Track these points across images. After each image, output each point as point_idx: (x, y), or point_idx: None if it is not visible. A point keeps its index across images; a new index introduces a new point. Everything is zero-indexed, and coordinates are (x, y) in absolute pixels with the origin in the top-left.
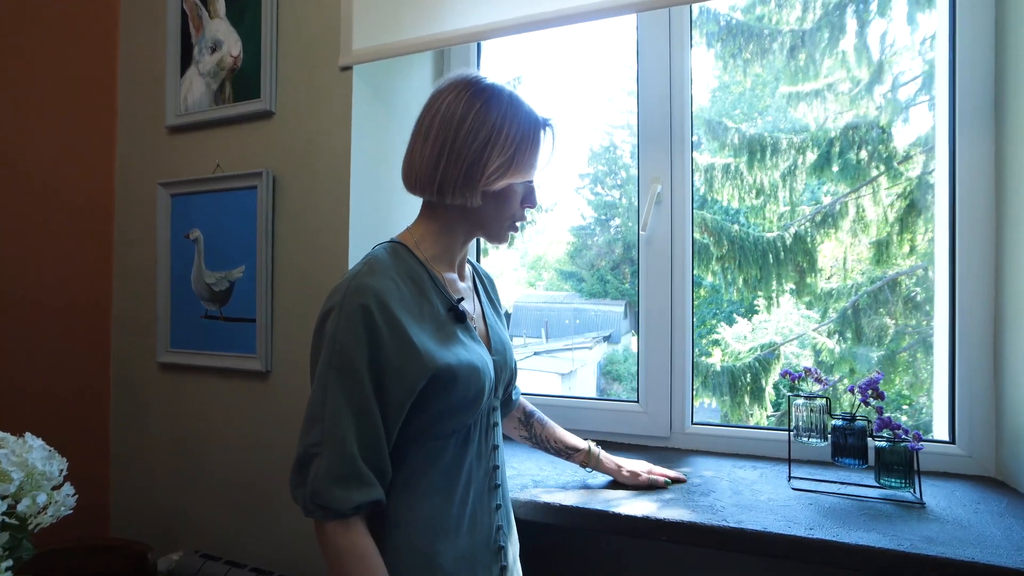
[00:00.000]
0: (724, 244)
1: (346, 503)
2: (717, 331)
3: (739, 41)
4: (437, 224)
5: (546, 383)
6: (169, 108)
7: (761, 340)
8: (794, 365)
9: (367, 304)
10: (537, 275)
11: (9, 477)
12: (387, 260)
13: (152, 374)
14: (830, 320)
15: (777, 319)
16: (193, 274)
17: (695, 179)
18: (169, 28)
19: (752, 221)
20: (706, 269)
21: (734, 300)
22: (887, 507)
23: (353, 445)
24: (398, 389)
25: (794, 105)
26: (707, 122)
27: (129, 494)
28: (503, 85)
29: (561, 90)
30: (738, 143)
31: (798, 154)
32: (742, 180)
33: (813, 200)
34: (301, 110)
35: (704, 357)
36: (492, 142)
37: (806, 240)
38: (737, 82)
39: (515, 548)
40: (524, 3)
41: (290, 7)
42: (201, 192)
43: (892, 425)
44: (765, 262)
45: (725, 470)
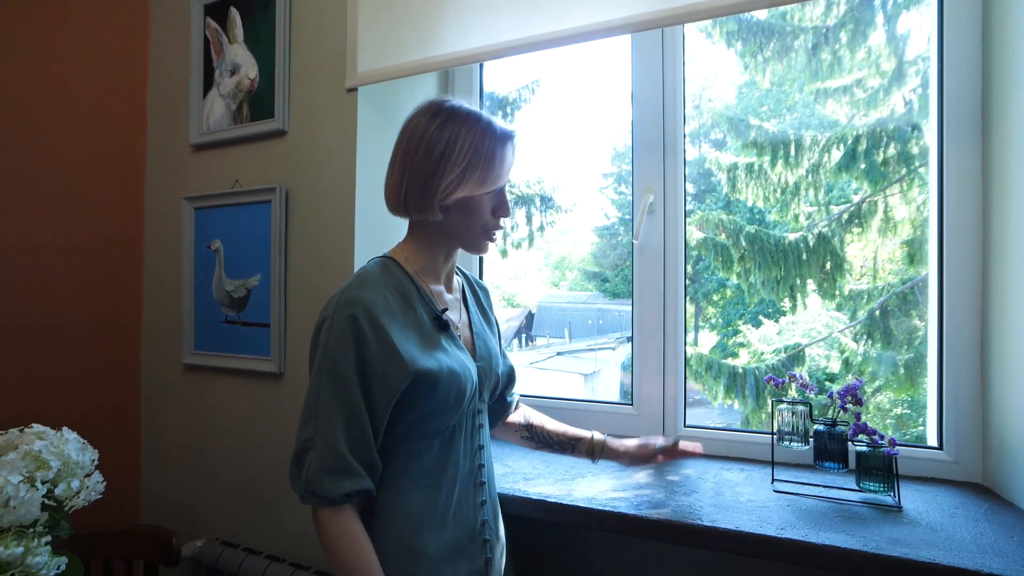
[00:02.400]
0: (742, 245)
1: (336, 492)
2: (742, 332)
3: (759, 39)
4: (420, 240)
5: (568, 383)
6: (193, 127)
7: (786, 342)
8: (818, 368)
9: (356, 315)
10: (561, 275)
11: (48, 465)
12: (377, 274)
13: (178, 374)
14: (858, 322)
15: (804, 321)
16: (214, 282)
17: (687, 187)
18: (193, 53)
19: (777, 220)
20: (729, 270)
21: (759, 301)
22: (864, 510)
23: (342, 441)
24: (383, 391)
25: (822, 101)
26: (730, 120)
27: (158, 484)
28: (464, 105)
29: (583, 90)
30: (762, 141)
31: (823, 152)
32: (766, 179)
33: (843, 199)
34: (311, 129)
35: (730, 358)
36: (446, 157)
37: (831, 240)
38: (760, 80)
39: (501, 542)
40: (520, 26)
41: (301, 32)
42: (221, 206)
43: (868, 431)
44: (787, 263)
45: (712, 472)
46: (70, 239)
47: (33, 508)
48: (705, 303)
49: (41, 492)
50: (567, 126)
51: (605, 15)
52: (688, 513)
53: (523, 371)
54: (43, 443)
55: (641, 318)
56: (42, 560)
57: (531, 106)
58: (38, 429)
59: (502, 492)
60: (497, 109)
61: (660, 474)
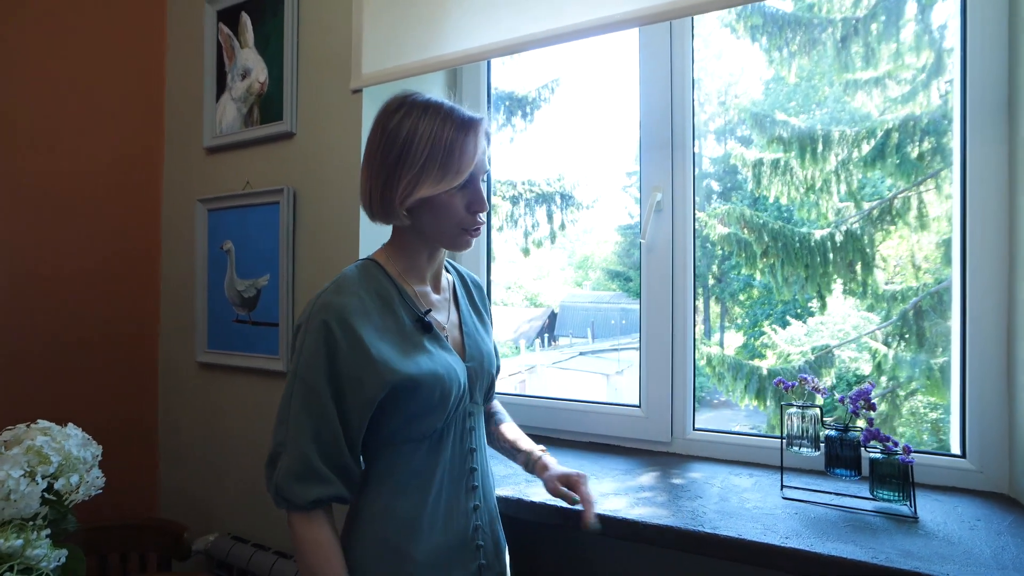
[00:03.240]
0: (765, 241)
1: (304, 497)
2: (767, 333)
3: (785, 33)
4: (400, 241)
5: (591, 384)
6: (207, 131)
7: (814, 343)
8: (848, 371)
9: (328, 321)
10: (584, 275)
11: (49, 460)
12: (355, 277)
13: (192, 372)
14: (890, 323)
15: (834, 321)
16: (226, 282)
17: (695, 186)
18: (206, 58)
19: (804, 218)
20: (752, 267)
21: (786, 301)
22: (877, 520)
23: (312, 448)
24: (357, 397)
25: (852, 94)
26: (754, 115)
27: (174, 480)
28: (425, 96)
29: (604, 87)
30: (788, 137)
31: (852, 147)
32: (792, 176)
33: (876, 195)
34: (317, 131)
35: (756, 360)
36: (403, 156)
37: (861, 238)
38: (786, 75)
39: (499, 546)
40: (524, 24)
41: (308, 35)
42: (233, 207)
43: (881, 437)
44: (812, 261)
45: (720, 476)
46: (93, 241)
47: (33, 502)
48: (731, 303)
49: (41, 486)
50: (588, 124)
51: (611, 9)
52: (691, 519)
53: (545, 371)
54: (45, 439)
55: (649, 319)
56: (41, 552)
57: (551, 105)
58: (43, 425)
59: (503, 495)
60: (517, 108)
61: (666, 479)
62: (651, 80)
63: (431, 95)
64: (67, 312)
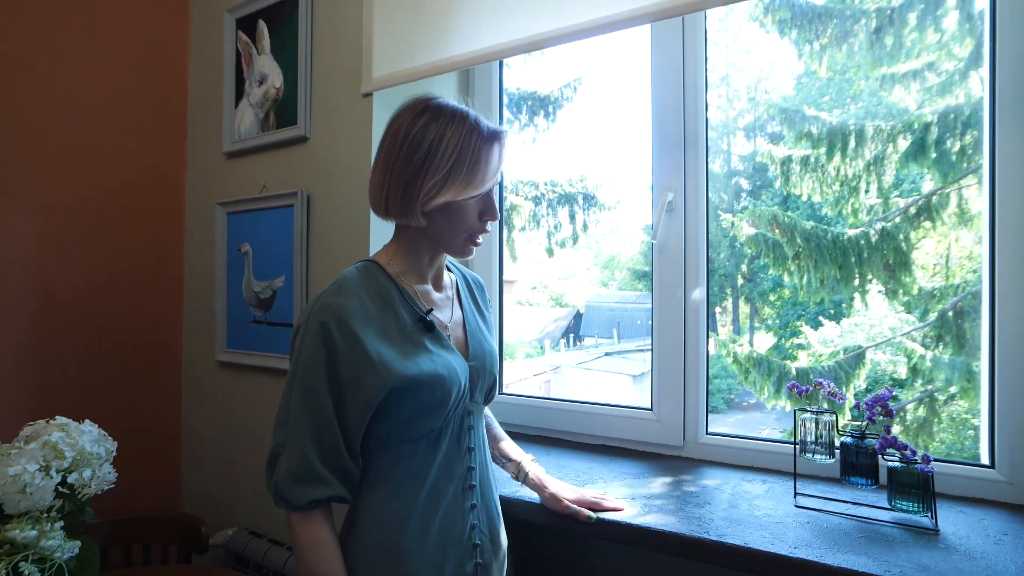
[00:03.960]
0: (797, 242)
1: (303, 498)
2: (803, 333)
3: (815, 26)
4: (403, 243)
5: (616, 384)
6: (226, 136)
7: (847, 344)
8: (884, 374)
9: (327, 322)
10: (610, 275)
11: (63, 455)
12: (356, 278)
13: (212, 371)
14: (928, 323)
15: (869, 322)
16: (243, 283)
17: (709, 187)
18: (226, 65)
19: (834, 216)
20: (782, 268)
21: (819, 301)
22: (895, 531)
23: (311, 449)
24: (356, 398)
25: (888, 88)
26: (783, 111)
27: (196, 475)
28: (451, 103)
29: (628, 86)
30: (818, 133)
31: (887, 142)
32: (823, 173)
33: (914, 191)
34: (330, 134)
35: (788, 361)
36: (428, 160)
37: (896, 236)
38: (816, 69)
39: (498, 545)
40: (530, 24)
41: (321, 40)
42: (250, 211)
43: (898, 445)
44: (846, 261)
45: (732, 482)
46: (120, 245)
47: (47, 495)
48: (761, 303)
49: (56, 480)
50: (611, 123)
51: (620, 7)
52: (697, 525)
53: (570, 371)
54: (61, 434)
55: (661, 321)
56: (55, 543)
57: (573, 104)
58: (61, 421)
59: (507, 496)
60: (539, 108)
61: (677, 485)
62: (663, 78)
63: (453, 101)
64: (96, 314)
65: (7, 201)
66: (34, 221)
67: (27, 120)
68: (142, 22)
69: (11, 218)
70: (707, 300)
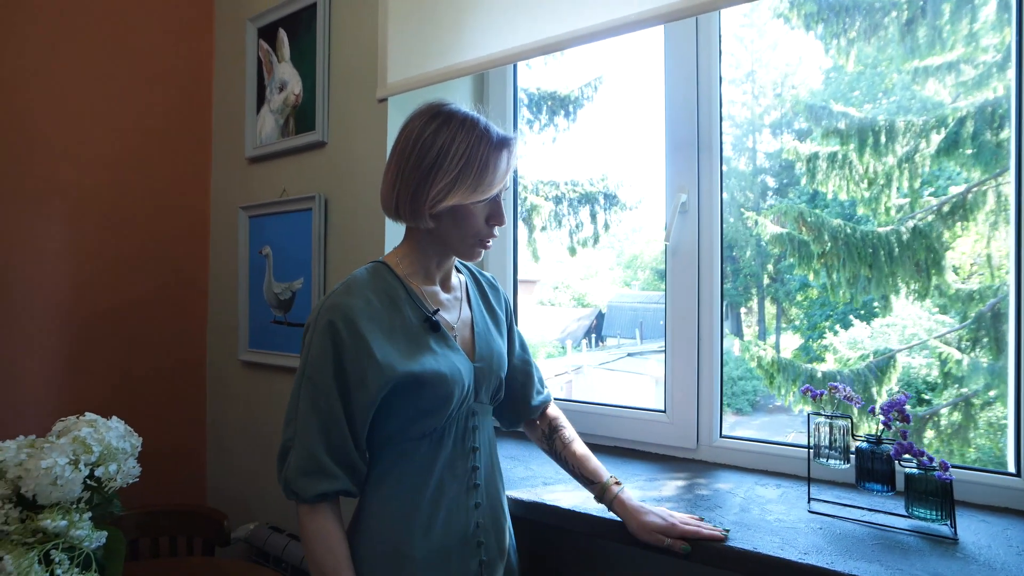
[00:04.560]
0: (824, 240)
1: (310, 491)
2: (827, 335)
3: (842, 19)
4: (413, 244)
5: (639, 385)
6: (248, 142)
7: (878, 346)
8: (917, 378)
9: (334, 321)
10: (633, 274)
11: (91, 449)
12: (364, 279)
13: (236, 370)
14: (964, 326)
15: (902, 323)
16: (264, 285)
17: (732, 186)
18: (248, 73)
19: (866, 214)
20: (807, 267)
21: (848, 301)
22: (911, 539)
23: (318, 444)
24: (362, 395)
25: (921, 81)
26: (809, 107)
27: (220, 471)
28: (462, 110)
29: (649, 84)
30: (846, 129)
31: (920, 137)
32: (851, 170)
33: (948, 188)
34: (346, 139)
35: (815, 363)
36: (437, 164)
37: (929, 234)
38: (844, 63)
39: (503, 544)
40: (542, 27)
41: (338, 47)
42: (270, 214)
43: (914, 451)
44: (876, 260)
45: (745, 486)
46: (149, 247)
47: (76, 487)
48: (787, 303)
49: (84, 473)
50: (632, 122)
51: (632, 8)
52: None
53: (592, 371)
54: (89, 430)
55: (674, 323)
56: (83, 533)
57: (593, 104)
58: (90, 417)
59: (517, 497)
60: (559, 108)
61: (689, 488)
62: (676, 78)
63: (464, 107)
64: (126, 315)
65: (43, 207)
66: (69, 226)
67: (61, 129)
68: (170, 34)
69: (47, 223)
70: (721, 301)
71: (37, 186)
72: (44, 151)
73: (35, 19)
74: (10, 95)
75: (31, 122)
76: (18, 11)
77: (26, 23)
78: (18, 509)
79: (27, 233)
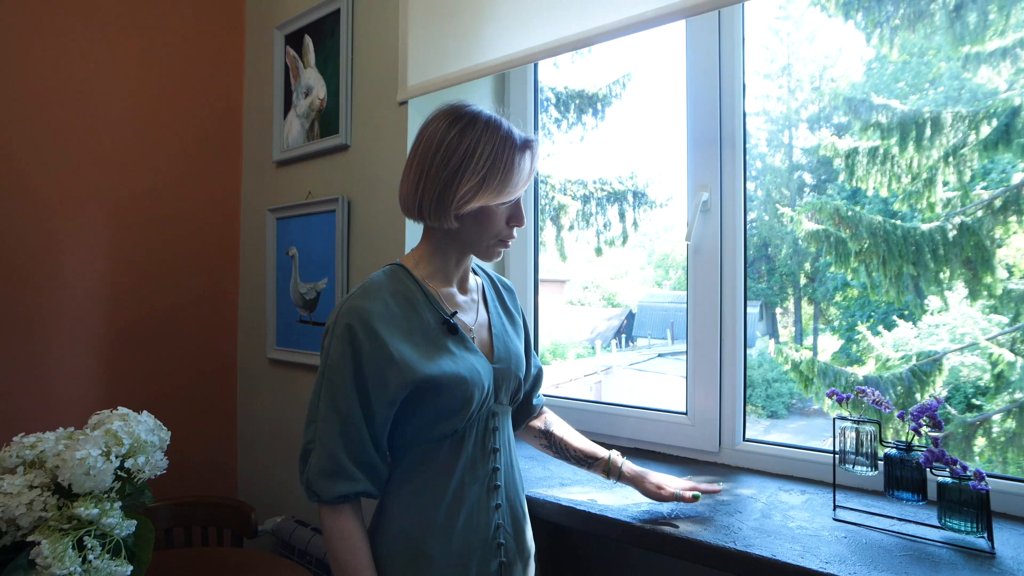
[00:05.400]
0: (864, 238)
1: (331, 492)
2: (867, 337)
3: (884, 7)
4: (431, 245)
5: (670, 386)
6: (276, 146)
7: (923, 347)
8: (967, 381)
9: (352, 324)
10: (664, 273)
11: (122, 442)
12: (381, 281)
13: (264, 368)
14: (1018, 327)
15: (950, 324)
16: (291, 285)
17: (748, 185)
18: (276, 79)
19: (911, 210)
20: (844, 265)
21: (889, 301)
22: (944, 552)
23: (338, 446)
24: (381, 397)
25: (972, 69)
26: (848, 100)
27: (250, 465)
28: (484, 112)
29: (679, 80)
30: (887, 122)
31: (969, 129)
32: (893, 164)
33: (1004, 182)
34: (368, 142)
35: (855, 366)
36: (464, 166)
37: (978, 230)
38: (888, 52)
39: (523, 545)
40: (557, 27)
41: (361, 51)
42: (296, 216)
43: (947, 459)
44: (920, 258)
45: (768, 491)
46: (181, 250)
47: (107, 478)
48: (826, 304)
49: (115, 464)
50: (662, 119)
51: (652, 4)
52: (724, 534)
53: (622, 372)
54: (121, 423)
55: (696, 324)
56: (114, 521)
57: (622, 101)
58: (122, 411)
59: (535, 496)
60: (587, 107)
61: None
62: (698, 73)
63: (486, 109)
64: (162, 314)
65: (84, 211)
66: (107, 226)
67: (99, 134)
68: (203, 44)
69: (89, 226)
70: (744, 301)
71: (79, 191)
72: (83, 158)
73: (73, 29)
74: (51, 103)
75: (71, 130)
76: (56, 22)
77: (64, 34)
78: (56, 497)
79: (72, 236)
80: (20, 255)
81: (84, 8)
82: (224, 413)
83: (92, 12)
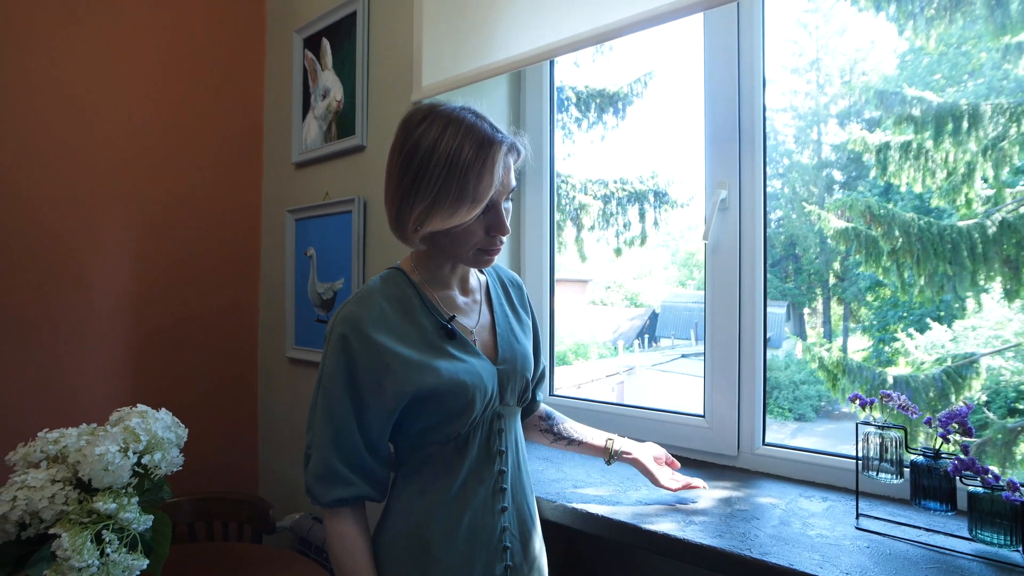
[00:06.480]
0: (896, 236)
1: (327, 497)
2: (897, 337)
3: None
4: (424, 252)
5: (694, 387)
6: (295, 147)
7: (959, 350)
8: (1007, 385)
9: (346, 333)
10: (688, 273)
11: (139, 438)
12: (377, 287)
13: (283, 366)
14: None
15: (989, 325)
16: (309, 285)
17: (767, 183)
18: (295, 82)
19: (946, 207)
20: (875, 264)
21: (922, 301)
22: (973, 565)
23: (332, 452)
24: (378, 404)
25: (1014, 59)
26: (879, 94)
27: (271, 461)
28: (440, 112)
29: (701, 78)
30: (921, 116)
31: (1011, 121)
32: (927, 159)
33: None
34: (384, 143)
35: (887, 367)
36: (416, 183)
37: (1020, 228)
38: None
39: (530, 549)
40: (570, 25)
41: (376, 53)
42: (314, 217)
43: (977, 468)
44: (957, 256)
45: (788, 498)
46: (204, 250)
47: (125, 473)
48: (856, 304)
49: (132, 460)
50: (684, 118)
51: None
52: (739, 541)
53: (644, 372)
54: (139, 420)
55: (714, 324)
56: (131, 516)
57: (643, 100)
58: (141, 408)
59: (547, 498)
60: (608, 106)
61: (726, 498)
62: (716, 68)
63: (458, 105)
64: (184, 313)
65: (110, 212)
66: (134, 229)
67: (126, 139)
68: (225, 48)
69: (115, 224)
70: (764, 301)
71: (105, 193)
72: (111, 163)
73: (100, 33)
74: (77, 107)
75: (96, 132)
76: (82, 27)
77: (90, 39)
78: (76, 491)
79: (98, 237)
80: (50, 258)
81: (109, 14)
82: (245, 411)
83: (117, 16)
